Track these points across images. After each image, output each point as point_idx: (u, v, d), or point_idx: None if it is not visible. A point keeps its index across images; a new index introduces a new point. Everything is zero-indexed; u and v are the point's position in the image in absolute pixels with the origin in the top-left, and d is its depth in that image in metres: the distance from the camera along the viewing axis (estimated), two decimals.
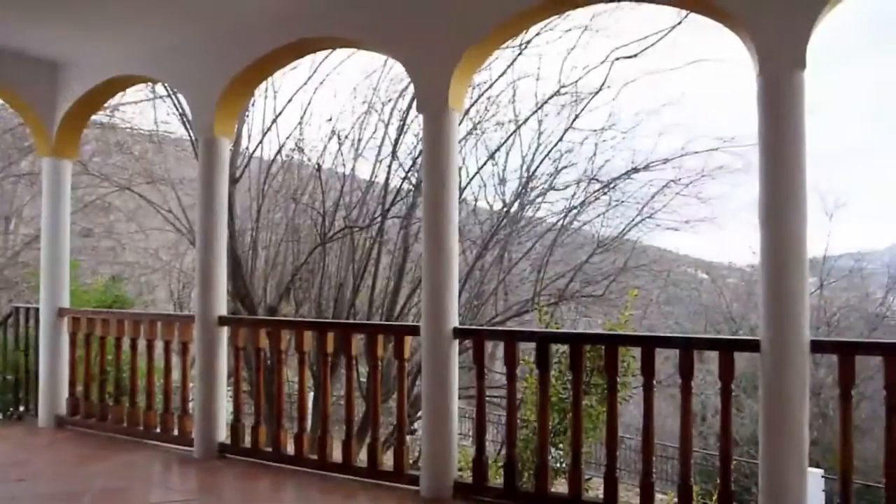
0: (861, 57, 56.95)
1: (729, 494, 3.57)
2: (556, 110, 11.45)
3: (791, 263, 3.26)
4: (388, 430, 9.29)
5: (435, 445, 4.10)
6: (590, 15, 10.31)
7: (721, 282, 20.91)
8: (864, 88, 54.41)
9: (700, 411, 16.96)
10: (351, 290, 10.11)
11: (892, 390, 3.28)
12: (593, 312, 12.55)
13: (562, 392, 5.67)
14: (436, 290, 4.08)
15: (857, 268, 19.31)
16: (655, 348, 3.81)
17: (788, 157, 3.27)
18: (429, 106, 4.18)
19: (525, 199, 11.78)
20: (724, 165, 11.72)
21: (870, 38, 52.72)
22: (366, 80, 10.76)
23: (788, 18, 3.28)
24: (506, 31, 4.17)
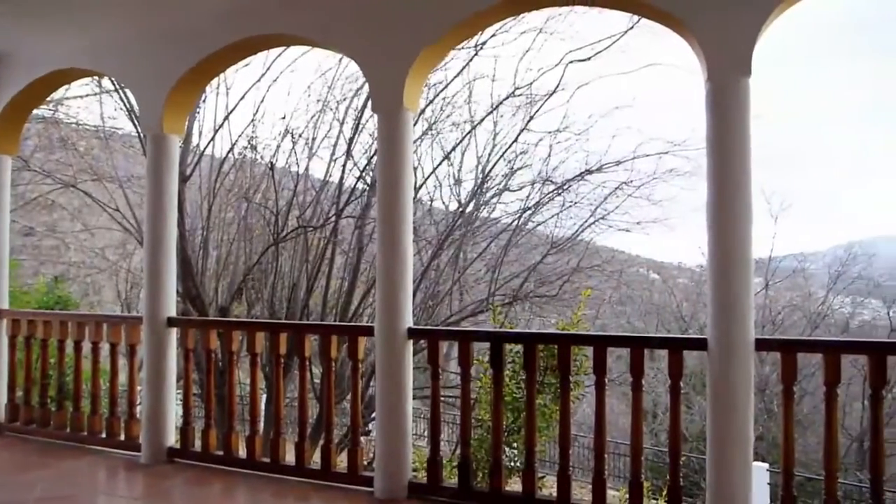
0: (805, 65, 59.11)
1: (678, 489, 3.65)
2: (511, 112, 11.56)
3: (737, 264, 3.36)
4: (342, 431, 9.21)
5: (389, 446, 4.09)
6: (544, 18, 10.44)
7: (672, 282, 21.41)
8: (809, 95, 56.15)
9: (651, 409, 17.34)
10: (304, 291, 9.99)
11: (831, 387, 3.40)
12: (547, 312, 12.69)
13: (516, 391, 5.71)
14: (390, 291, 4.07)
15: (800, 268, 20.01)
16: (607, 347, 3.88)
17: (734, 160, 3.37)
18: (383, 106, 4.16)
19: (480, 199, 11.84)
20: (674, 168, 12.05)
21: (814, 47, 54.73)
22: (320, 79, 10.67)
23: (734, 27, 3.38)
24: (461, 31, 4.18)
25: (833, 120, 63.23)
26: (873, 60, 68.29)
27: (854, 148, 68.62)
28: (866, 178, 66.52)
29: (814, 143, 57.09)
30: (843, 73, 64.06)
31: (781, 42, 24.13)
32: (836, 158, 69.09)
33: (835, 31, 59.43)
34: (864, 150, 68.05)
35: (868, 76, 63.44)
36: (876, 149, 68.64)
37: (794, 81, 48.57)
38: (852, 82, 61.25)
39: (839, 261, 20.01)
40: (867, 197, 57.86)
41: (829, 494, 3.39)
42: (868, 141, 68.21)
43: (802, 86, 60.13)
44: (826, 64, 63.93)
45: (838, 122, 64.34)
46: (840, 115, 62.40)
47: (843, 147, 64.89)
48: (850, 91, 65.21)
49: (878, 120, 63.62)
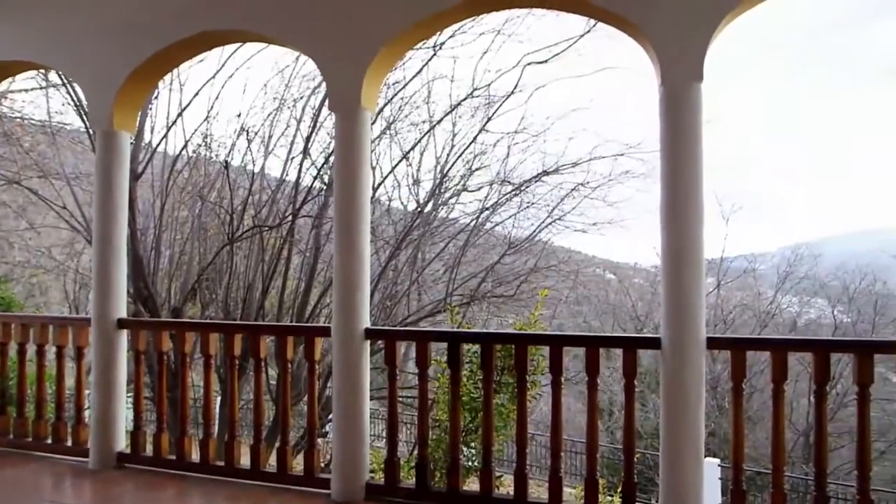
0: (756, 73, 61.03)
1: (632, 486, 3.71)
2: (469, 112, 11.60)
3: (689, 265, 3.43)
4: (298, 433, 9.11)
5: (346, 447, 4.06)
6: (502, 20, 10.51)
7: (627, 282, 21.78)
8: (759, 102, 57.48)
9: (607, 407, 17.61)
10: (260, 291, 9.84)
11: (779, 384, 3.51)
12: (505, 312, 12.79)
13: (473, 391, 5.73)
14: (347, 291, 4.04)
15: (751, 269, 20.59)
16: (563, 347, 3.92)
17: (687, 163, 3.45)
18: (341, 105, 4.13)
19: (439, 199, 11.85)
20: (629, 170, 12.27)
21: (767, 55, 56.70)
22: (277, 76, 10.53)
23: (687, 33, 3.47)
24: (420, 31, 4.18)
25: (783, 125, 65.17)
26: (822, 69, 70.58)
27: (802, 153, 70.89)
28: (813, 182, 68.70)
29: (764, 148, 58.93)
30: (793, 81, 66.08)
31: (738, 50, 24.80)
32: (785, 163, 71.26)
33: (789, 41, 61.45)
34: (811, 155, 70.21)
35: (816, 84, 65.44)
36: (823, 154, 71.15)
37: (747, 88, 50.04)
38: (802, 90, 63.16)
39: (787, 261, 20.66)
40: (813, 200, 59.73)
41: (777, 488, 3.50)
42: (815, 146, 70.53)
43: (755, 92, 61.87)
44: (777, 72, 65.95)
45: (788, 127, 66.34)
46: (790, 121, 64.32)
47: (791, 152, 66.88)
48: (800, 98, 67.30)
49: (826, 126, 65.86)
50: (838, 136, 65.04)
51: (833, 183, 67.13)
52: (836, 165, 73.40)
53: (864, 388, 3.44)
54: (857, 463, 3.45)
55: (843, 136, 64.39)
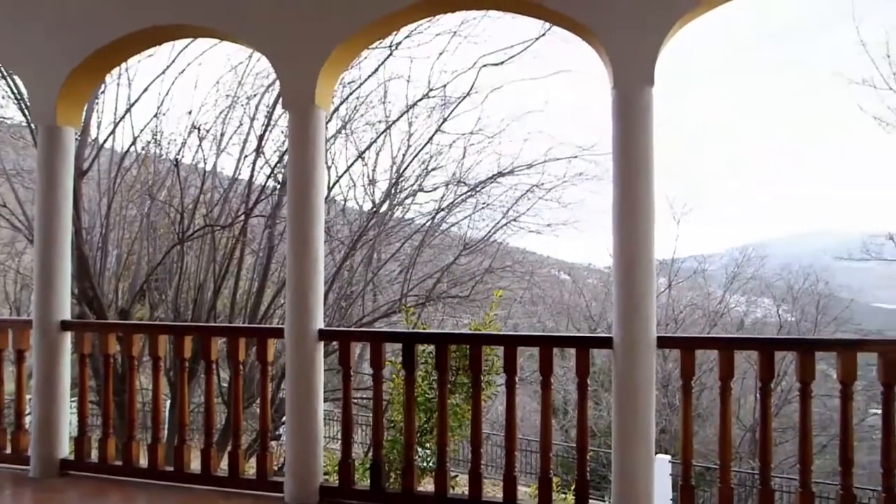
0: (709, 78, 62.62)
1: (585, 483, 3.76)
2: (426, 113, 11.60)
3: (640, 265, 3.49)
4: (251, 436, 8.96)
5: (299, 450, 4.01)
6: (459, 21, 10.54)
7: (581, 282, 22.08)
8: (712, 106, 58.88)
9: (562, 406, 17.82)
10: (212, 292, 9.64)
11: (726, 381, 3.60)
12: (460, 312, 12.82)
13: (428, 392, 5.73)
14: (300, 292, 3.99)
15: (700, 269, 21.10)
16: (517, 347, 3.94)
17: (639, 165, 3.51)
18: (295, 103, 4.07)
19: (394, 199, 11.81)
20: (583, 172, 12.44)
21: (720, 61, 58.23)
22: (230, 73, 10.34)
23: (639, 38, 3.54)
24: (375, 30, 4.15)
25: (734, 130, 67.05)
26: (773, 76, 72.89)
27: (750, 157, 73.12)
28: (760, 185, 70.93)
29: (715, 152, 60.59)
30: (745, 87, 68.05)
31: (690, 55, 25.38)
32: (734, 166, 73.39)
33: (741, 48, 63.27)
34: (759, 160, 72.48)
35: (766, 91, 67.58)
36: (770, 158, 73.55)
37: (700, 92, 51.18)
38: (753, 96, 65.17)
39: (735, 262, 21.25)
40: (761, 203, 61.69)
41: (724, 482, 3.59)
42: (763, 150, 72.78)
43: (708, 96, 63.42)
44: (730, 77, 67.80)
45: (738, 132, 68.30)
46: (740, 126, 66.24)
47: (740, 156, 68.95)
48: (751, 104, 69.39)
49: (774, 132, 68.05)
50: (786, 142, 67.57)
51: (779, 187, 69.83)
52: (782, 170, 76.18)
53: (805, 384, 3.55)
54: (799, 457, 3.56)
55: (789, 143, 66.90)
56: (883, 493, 3.47)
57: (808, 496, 3.54)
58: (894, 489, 3.46)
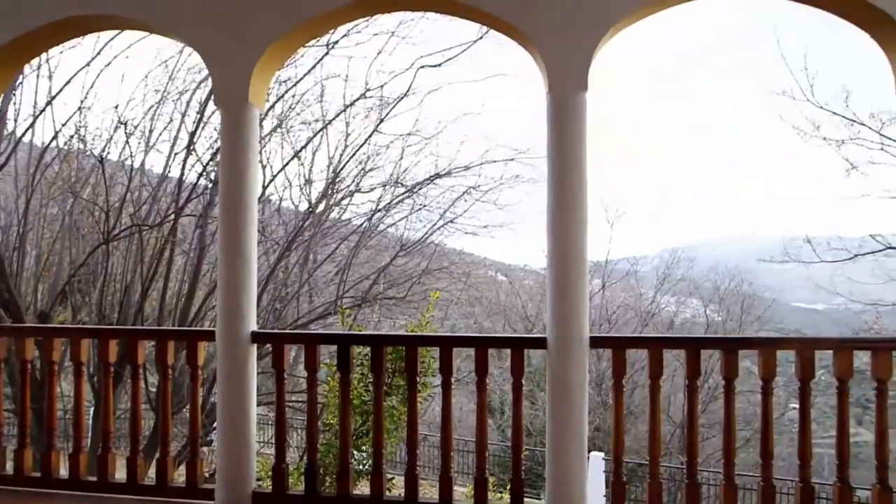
0: (643, 85, 64.72)
1: (520, 482, 3.81)
2: (363, 113, 11.52)
3: (573, 267, 3.56)
4: (182, 443, 8.69)
5: (231, 456, 3.91)
6: (396, 22, 10.51)
7: (518, 283, 22.36)
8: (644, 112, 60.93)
9: (499, 406, 17.99)
10: (139, 294, 9.29)
11: (655, 379, 3.70)
12: (397, 314, 12.77)
13: (364, 394, 5.68)
14: (233, 293, 3.89)
15: (633, 270, 21.68)
16: (453, 348, 3.95)
17: (572, 169, 3.58)
18: (228, 100, 3.97)
19: (331, 200, 11.68)
20: (519, 175, 12.57)
21: (654, 69, 60.16)
22: (160, 67, 9.99)
23: (573, 44, 3.62)
24: (312, 28, 4.10)
25: (665, 137, 69.53)
26: (700, 86, 75.83)
27: (680, 163, 75.85)
28: (689, 191, 73.65)
29: (646, 157, 62.64)
30: (675, 96, 70.58)
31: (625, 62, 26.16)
32: (666, 171, 76.05)
33: (674, 56, 65.64)
34: (688, 166, 75.27)
35: (696, 99, 70.25)
36: (699, 165, 76.43)
37: (634, 99, 52.82)
38: (684, 104, 67.72)
39: (665, 264, 21.93)
40: (690, 207, 64.07)
41: (653, 478, 3.70)
42: (692, 157, 75.64)
43: (641, 104, 65.58)
44: (662, 85, 70.24)
45: (670, 139, 70.83)
46: (672, 134, 68.73)
47: (671, 162, 71.56)
48: (682, 111, 71.98)
49: (703, 138, 70.85)
50: (714, 149, 70.77)
51: (707, 192, 72.94)
52: (710, 176, 79.39)
53: (729, 381, 3.70)
54: (723, 451, 3.71)
55: (718, 150, 69.98)
56: (800, 484, 3.64)
57: (732, 489, 3.68)
58: (810, 480, 3.64)
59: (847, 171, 10.81)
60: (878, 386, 3.61)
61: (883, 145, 10.26)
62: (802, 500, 3.62)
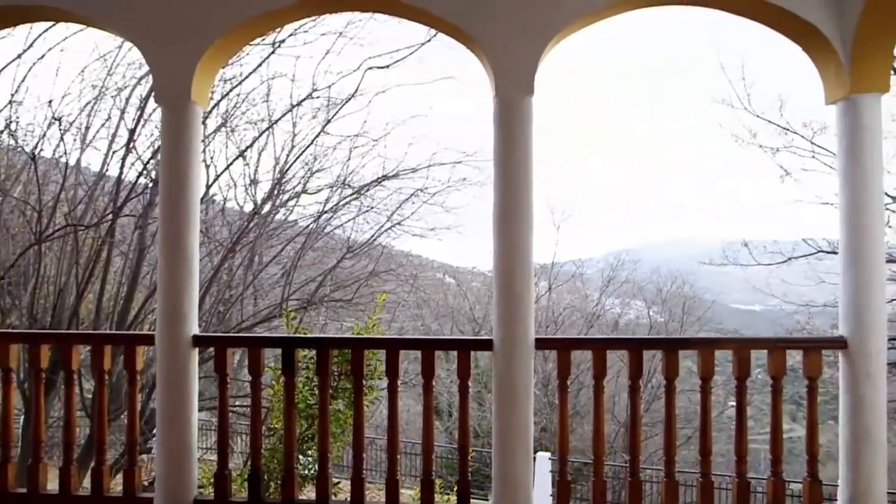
0: (590, 90, 66.01)
1: (466, 484, 3.83)
2: (311, 114, 11.39)
3: (519, 269, 3.60)
4: (119, 451, 8.40)
5: (171, 463, 3.81)
6: (345, 22, 10.43)
7: (466, 285, 22.44)
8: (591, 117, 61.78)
9: (447, 408, 18.02)
10: (74, 297, 8.95)
11: (599, 379, 3.77)
12: (343, 316, 12.66)
13: (310, 398, 5.60)
14: (173, 296, 3.79)
15: (579, 273, 22.02)
16: (399, 350, 3.95)
17: (518, 172, 3.62)
18: (169, 97, 3.87)
19: (277, 201, 11.50)
20: (466, 178, 12.61)
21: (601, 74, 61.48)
22: (98, 61, 9.64)
23: (520, 49, 3.67)
24: (257, 26, 4.03)
25: (611, 142, 71.07)
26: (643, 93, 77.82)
27: (626, 168, 77.64)
28: (634, 195, 75.54)
29: (593, 162, 63.91)
30: (620, 102, 72.15)
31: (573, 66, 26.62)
32: (611, 176, 77.70)
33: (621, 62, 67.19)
34: (634, 171, 77.16)
35: (639, 106, 72.03)
36: (644, 170, 78.51)
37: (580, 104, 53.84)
38: (629, 110, 69.30)
39: (610, 266, 22.35)
40: (634, 211, 65.69)
41: (597, 476, 3.77)
42: (637, 163, 77.54)
43: (587, 109, 66.84)
44: (611, 92, 71.82)
45: (615, 144, 72.41)
46: (617, 139, 70.28)
47: (616, 167, 73.14)
48: (628, 117, 73.72)
49: (648, 144, 72.68)
50: (657, 154, 73.02)
51: (651, 196, 75.17)
52: (654, 181, 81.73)
53: (670, 381, 3.80)
54: (664, 448, 3.80)
55: (661, 155, 72.13)
56: (736, 479, 3.76)
57: (673, 485, 3.77)
58: (746, 475, 3.77)
59: (782, 178, 11.23)
60: (809, 384, 3.77)
61: (814, 153, 10.69)
62: (739, 495, 3.74)
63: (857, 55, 3.59)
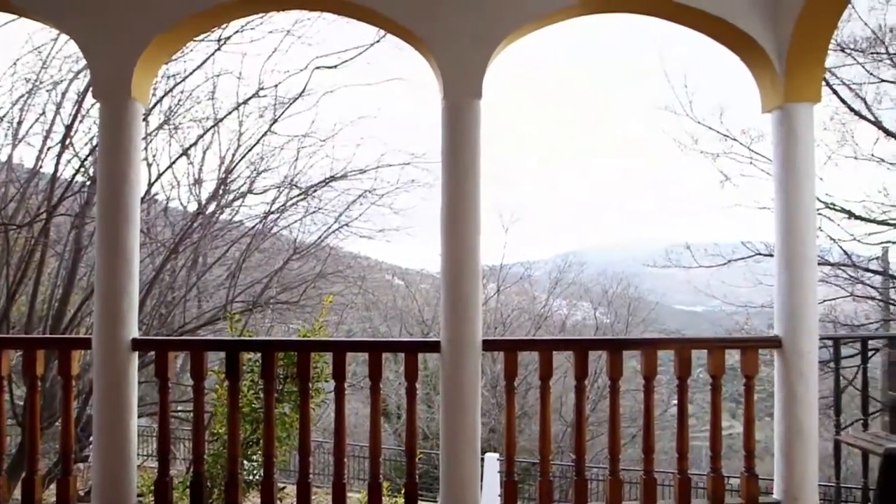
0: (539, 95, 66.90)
1: (414, 486, 3.82)
2: (257, 112, 11.18)
3: (466, 271, 3.62)
4: (53, 460, 8.08)
5: (109, 471, 3.69)
6: (293, 20, 10.28)
7: (415, 287, 22.41)
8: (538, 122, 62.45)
9: (395, 410, 17.96)
10: (5, 299, 8.56)
11: (545, 380, 3.82)
12: (290, 319, 12.46)
13: (255, 402, 5.50)
14: (112, 298, 3.67)
15: (527, 275, 22.23)
16: (346, 353, 3.92)
17: (466, 175, 3.65)
18: (108, 93, 3.76)
19: (222, 201, 11.25)
20: (415, 179, 12.56)
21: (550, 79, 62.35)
22: (32, 54, 9.25)
23: (468, 53, 3.69)
24: (201, 22, 3.96)
25: (560, 146, 72.19)
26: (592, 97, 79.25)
27: (572, 172, 78.98)
28: (581, 198, 76.89)
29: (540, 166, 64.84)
30: (569, 107, 73.37)
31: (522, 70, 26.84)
32: (559, 180, 78.93)
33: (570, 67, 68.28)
34: (580, 175, 78.50)
35: (588, 110, 73.31)
36: (590, 173, 79.94)
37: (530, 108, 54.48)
38: (577, 115, 70.55)
39: (558, 268, 22.64)
40: (581, 214, 66.85)
41: (543, 475, 3.81)
42: (584, 166, 78.94)
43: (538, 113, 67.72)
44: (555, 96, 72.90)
45: (564, 148, 73.59)
46: (566, 143, 71.43)
47: (563, 170, 74.34)
48: (575, 122, 75.01)
49: (595, 148, 74.05)
50: (605, 158, 74.63)
51: (596, 199, 76.80)
52: (600, 184, 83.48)
53: (614, 381, 3.87)
54: (609, 447, 3.88)
55: (608, 159, 73.72)
56: (678, 475, 3.86)
57: (617, 483, 3.85)
58: (687, 471, 3.87)
59: (722, 183, 11.62)
60: (747, 382, 3.90)
61: (752, 159, 11.10)
62: (680, 491, 3.84)
63: (791, 66, 3.74)
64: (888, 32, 9.75)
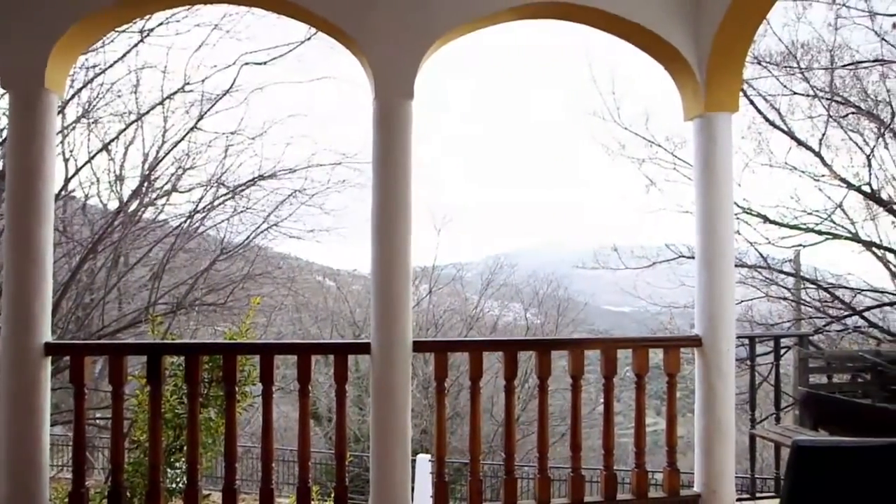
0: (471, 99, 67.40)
1: (343, 489, 3.78)
2: (183, 108, 10.83)
3: (397, 272, 3.61)
4: None
5: (17, 484, 3.49)
6: (220, 14, 10.03)
7: (346, 288, 22.18)
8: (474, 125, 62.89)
9: (326, 413, 17.72)
10: None
11: (475, 381, 3.84)
12: (216, 321, 12.12)
13: (178, 407, 5.31)
14: (21, 300, 3.47)
15: (459, 276, 22.36)
16: (274, 355, 3.84)
17: (397, 175, 3.63)
18: (18, 83, 3.56)
19: (145, 198, 10.84)
20: (346, 179, 12.43)
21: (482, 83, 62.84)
22: None
23: (400, 53, 3.69)
24: (122, 12, 3.81)
25: (492, 149, 73.03)
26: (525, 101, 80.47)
27: (504, 175, 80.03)
28: (512, 200, 78.10)
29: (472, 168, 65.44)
30: (502, 110, 74.31)
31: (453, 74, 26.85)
32: (490, 183, 79.90)
33: (505, 70, 69.07)
34: (511, 178, 79.68)
35: (521, 114, 74.49)
36: (521, 176, 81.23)
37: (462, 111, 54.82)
38: (510, 119, 71.50)
39: (489, 269, 22.85)
40: (512, 216, 67.89)
41: (473, 475, 3.84)
42: (515, 170, 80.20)
43: (470, 115, 68.23)
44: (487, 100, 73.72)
45: (496, 151, 74.44)
46: (498, 146, 72.33)
47: (495, 174, 75.28)
48: (508, 126, 76.06)
49: (527, 152, 75.27)
50: (536, 162, 75.97)
51: (527, 202, 78.19)
52: (531, 187, 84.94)
53: (543, 380, 3.94)
54: (538, 446, 3.94)
55: (539, 163, 74.99)
56: (604, 471, 3.96)
57: (545, 480, 3.92)
58: (613, 467, 3.97)
59: (647, 188, 12.01)
60: (669, 379, 4.04)
61: (676, 165, 11.51)
62: (607, 486, 3.94)
63: (711, 77, 3.90)
64: (799, 48, 10.32)
